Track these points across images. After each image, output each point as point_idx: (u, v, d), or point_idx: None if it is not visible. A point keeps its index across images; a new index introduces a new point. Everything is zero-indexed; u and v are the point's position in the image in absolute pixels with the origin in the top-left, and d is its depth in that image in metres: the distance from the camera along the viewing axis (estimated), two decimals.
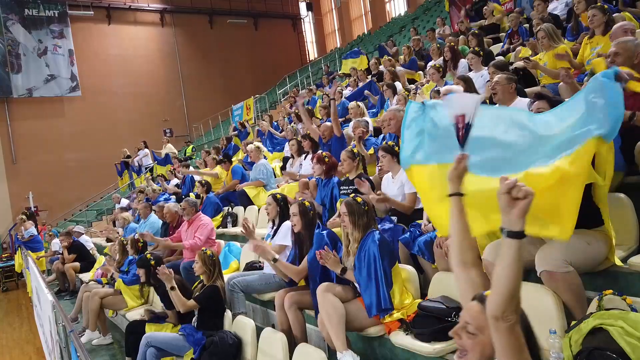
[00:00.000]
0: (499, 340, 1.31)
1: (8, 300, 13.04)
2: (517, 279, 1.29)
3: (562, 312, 2.23)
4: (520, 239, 1.29)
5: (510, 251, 1.29)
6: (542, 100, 2.67)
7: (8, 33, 20.24)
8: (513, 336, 1.30)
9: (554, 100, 2.64)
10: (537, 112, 2.58)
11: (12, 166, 20.12)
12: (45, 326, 5.44)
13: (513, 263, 1.29)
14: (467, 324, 1.46)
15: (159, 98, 23.56)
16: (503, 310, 1.28)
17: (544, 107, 2.62)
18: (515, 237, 1.29)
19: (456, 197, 1.70)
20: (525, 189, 1.29)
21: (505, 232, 1.31)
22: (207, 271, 4.01)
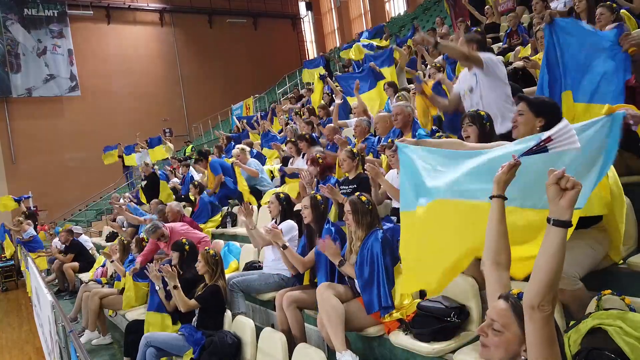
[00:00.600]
0: (533, 330, 1.33)
1: (8, 300, 13.03)
2: (559, 269, 1.32)
3: (561, 312, 2.24)
4: (567, 228, 1.32)
5: (557, 240, 1.33)
6: (522, 103, 2.52)
7: (7, 33, 20.24)
8: (547, 327, 1.32)
9: (533, 102, 2.50)
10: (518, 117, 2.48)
11: (11, 166, 20.13)
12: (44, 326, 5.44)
13: (557, 252, 1.32)
14: (493, 322, 1.48)
15: (158, 98, 23.57)
16: (540, 300, 1.30)
17: (523, 109, 2.48)
18: (563, 226, 1.32)
19: (499, 199, 1.70)
20: (572, 179, 1.33)
21: (553, 221, 1.34)
22: (209, 270, 4.01)
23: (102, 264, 7.15)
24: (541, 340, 1.32)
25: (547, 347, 1.32)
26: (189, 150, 16.75)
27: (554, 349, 1.33)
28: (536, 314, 1.32)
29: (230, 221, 6.90)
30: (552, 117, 2.41)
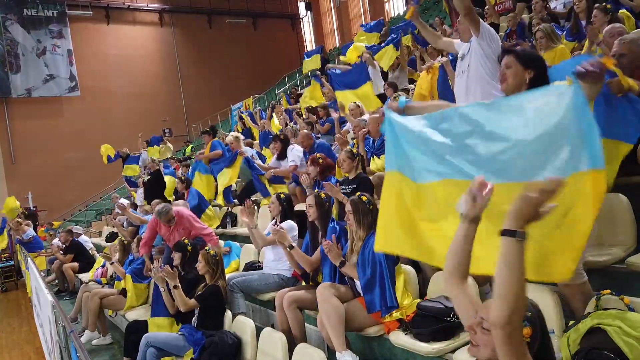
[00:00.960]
0: (497, 346, 1.31)
1: (7, 301, 13.02)
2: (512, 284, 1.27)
3: (561, 312, 2.25)
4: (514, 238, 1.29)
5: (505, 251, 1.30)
6: (509, 55, 2.42)
7: (7, 33, 20.24)
8: (509, 345, 1.28)
9: (521, 53, 2.39)
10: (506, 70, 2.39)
11: (11, 166, 20.13)
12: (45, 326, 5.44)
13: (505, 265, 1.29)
14: (482, 320, 1.47)
15: (158, 98, 23.56)
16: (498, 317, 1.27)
17: (511, 62, 2.38)
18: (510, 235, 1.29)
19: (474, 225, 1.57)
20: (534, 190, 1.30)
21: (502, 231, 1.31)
22: (210, 270, 4.02)
23: (102, 264, 7.14)
24: (505, 357, 1.29)
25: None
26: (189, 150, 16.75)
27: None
28: (497, 332, 1.28)
29: (230, 221, 6.91)
30: (540, 69, 2.38)
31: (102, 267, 7.19)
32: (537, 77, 2.34)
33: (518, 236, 1.28)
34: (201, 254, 4.09)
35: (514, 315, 1.26)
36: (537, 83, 2.33)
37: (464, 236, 1.57)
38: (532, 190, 1.30)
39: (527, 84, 2.35)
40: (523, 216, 1.30)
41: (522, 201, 1.30)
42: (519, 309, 1.28)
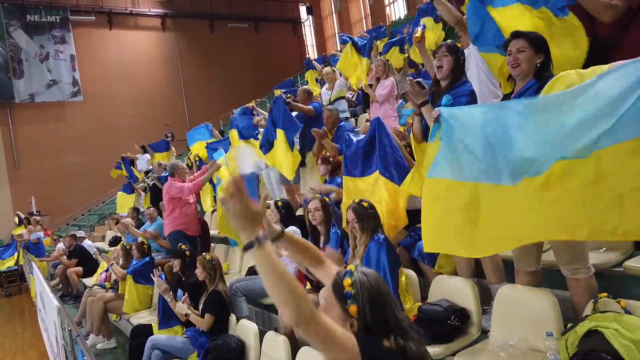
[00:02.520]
0: (307, 339, 1.34)
1: (11, 305, 13.07)
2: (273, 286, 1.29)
3: (559, 314, 2.29)
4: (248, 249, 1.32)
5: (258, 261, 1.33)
6: (521, 39, 2.41)
7: (10, 39, 20.34)
8: (313, 334, 1.30)
9: (533, 37, 2.39)
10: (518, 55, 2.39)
11: (14, 171, 20.20)
12: (50, 331, 5.49)
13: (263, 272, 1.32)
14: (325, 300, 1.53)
15: (160, 102, 23.63)
16: (291, 318, 1.29)
17: (524, 46, 2.38)
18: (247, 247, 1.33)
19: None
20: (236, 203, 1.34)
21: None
22: (208, 276, 4.04)
23: (106, 268, 7.18)
24: (317, 346, 1.32)
25: (328, 348, 1.32)
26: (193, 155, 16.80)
27: (335, 345, 1.32)
28: (300, 329, 1.30)
29: None
30: (548, 54, 2.40)
31: (105, 271, 7.23)
32: (544, 62, 2.39)
33: (256, 245, 1.31)
34: (198, 260, 4.11)
35: (299, 309, 1.27)
36: (544, 68, 2.38)
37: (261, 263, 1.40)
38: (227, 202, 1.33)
39: (536, 69, 2.38)
40: (245, 227, 1.34)
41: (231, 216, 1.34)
42: (302, 302, 1.28)
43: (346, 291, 1.43)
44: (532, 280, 2.53)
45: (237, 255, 5.74)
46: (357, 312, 1.42)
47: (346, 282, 1.45)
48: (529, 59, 2.38)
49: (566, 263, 2.32)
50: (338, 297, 1.45)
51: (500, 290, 2.62)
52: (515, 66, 2.42)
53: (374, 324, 1.41)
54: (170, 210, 5.76)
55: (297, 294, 1.28)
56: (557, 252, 2.36)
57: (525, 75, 2.40)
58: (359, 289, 1.43)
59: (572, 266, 2.30)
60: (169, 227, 5.77)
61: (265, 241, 1.32)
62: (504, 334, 2.42)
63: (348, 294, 1.43)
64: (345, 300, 1.42)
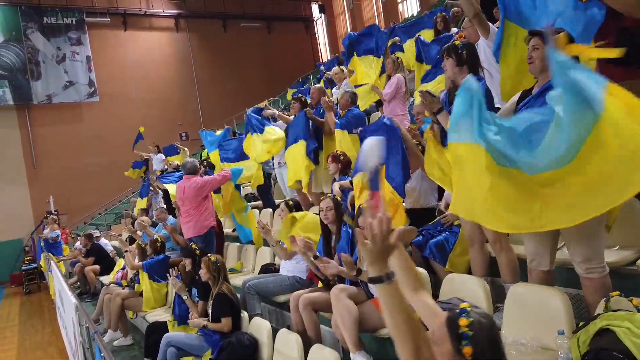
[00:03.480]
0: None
1: (31, 303, 13.35)
2: (398, 324, 1.30)
3: (571, 313, 2.28)
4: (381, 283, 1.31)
5: (381, 296, 1.32)
6: (536, 37, 2.44)
7: (28, 41, 20.70)
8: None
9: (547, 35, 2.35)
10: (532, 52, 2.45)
11: (33, 171, 20.57)
12: (68, 328, 5.60)
13: (388, 308, 1.31)
14: (433, 332, 1.51)
15: (174, 102, 23.85)
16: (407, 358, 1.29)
17: (538, 44, 2.42)
18: (376, 282, 1.32)
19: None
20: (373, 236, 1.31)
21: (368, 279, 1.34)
22: (211, 277, 4.05)
23: (122, 267, 7.30)
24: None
25: None
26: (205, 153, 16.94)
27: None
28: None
29: None
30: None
31: (122, 269, 7.35)
32: None
33: (385, 280, 1.31)
34: (203, 261, 4.13)
35: (418, 352, 1.28)
36: None
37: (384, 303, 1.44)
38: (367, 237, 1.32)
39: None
40: (377, 261, 1.32)
41: (366, 251, 1.33)
42: (422, 344, 1.29)
43: (462, 331, 1.40)
44: (546, 280, 2.52)
45: (251, 254, 5.79)
46: (472, 354, 1.40)
47: (462, 321, 1.41)
48: (543, 56, 2.40)
49: (581, 261, 2.31)
50: (452, 334, 1.41)
51: (512, 288, 2.62)
52: (530, 63, 2.49)
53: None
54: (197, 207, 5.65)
55: (419, 337, 1.29)
56: (572, 249, 2.35)
57: (539, 71, 2.42)
58: (477, 332, 1.42)
59: (587, 265, 2.29)
60: (203, 227, 5.66)
61: (394, 278, 1.31)
62: (515, 332, 2.42)
63: (464, 334, 1.40)
64: (460, 340, 1.39)
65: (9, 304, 13.72)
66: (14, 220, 19.26)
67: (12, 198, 19.58)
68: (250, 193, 8.41)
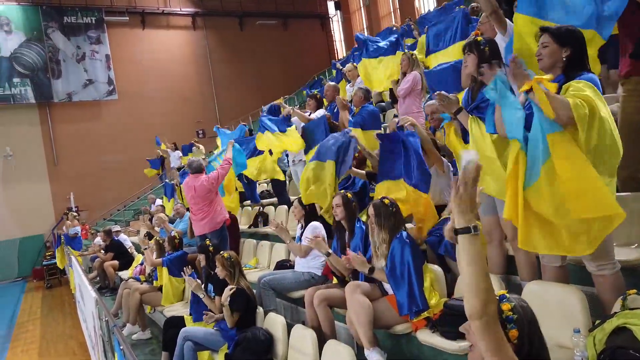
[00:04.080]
0: (477, 337, 1.37)
1: (52, 297, 13.64)
2: (476, 277, 1.33)
3: (587, 311, 2.26)
4: (466, 234, 1.35)
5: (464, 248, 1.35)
6: (545, 34, 2.42)
7: (48, 40, 21.09)
8: (488, 334, 1.34)
9: (556, 32, 2.39)
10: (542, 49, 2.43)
11: (54, 168, 20.97)
12: (88, 321, 5.71)
13: (470, 260, 1.34)
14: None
15: (191, 100, 24.09)
16: (471, 309, 1.33)
17: (547, 41, 2.40)
18: (463, 232, 1.35)
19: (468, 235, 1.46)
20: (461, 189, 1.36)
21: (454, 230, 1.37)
22: (228, 273, 4.10)
23: (141, 262, 7.42)
24: (484, 347, 1.35)
25: (494, 351, 1.34)
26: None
27: (502, 353, 1.35)
28: (474, 323, 1.34)
29: (262, 220, 7.06)
30: (578, 46, 2.37)
31: (140, 265, 7.47)
32: (574, 54, 2.36)
33: (473, 231, 1.34)
34: (217, 258, 4.18)
35: (487, 305, 1.31)
36: (575, 61, 2.36)
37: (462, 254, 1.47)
38: (457, 186, 1.35)
39: (564, 61, 2.37)
40: (467, 210, 1.35)
41: (457, 199, 1.36)
42: (491, 300, 1.33)
43: (506, 315, 1.45)
44: (559, 276, 2.50)
45: (266, 250, 5.84)
46: (518, 337, 1.45)
47: (505, 306, 1.46)
48: (552, 53, 2.38)
49: (591, 259, 2.29)
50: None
51: (528, 286, 2.60)
52: (539, 60, 2.45)
53: (537, 351, 1.46)
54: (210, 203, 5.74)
55: (491, 291, 1.33)
56: None
57: (548, 69, 2.39)
58: (520, 315, 1.47)
59: (598, 262, 2.27)
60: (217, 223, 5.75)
61: (479, 231, 1.35)
62: None
63: (509, 318, 1.45)
64: (505, 324, 1.44)
65: (31, 298, 14.03)
66: (35, 216, 19.69)
67: (34, 194, 20.01)
68: (266, 190, 8.47)
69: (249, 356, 3.60)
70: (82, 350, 7.49)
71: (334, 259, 3.66)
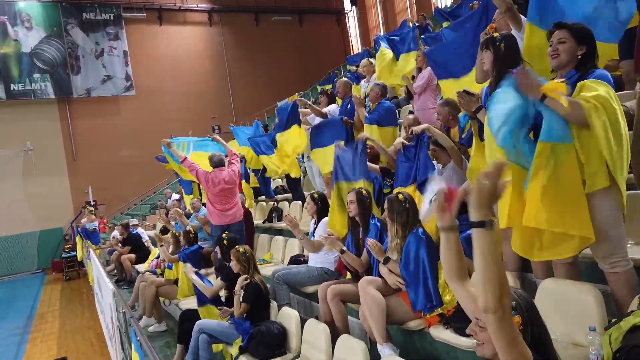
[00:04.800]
0: (491, 332, 1.36)
1: (71, 289, 13.91)
2: (492, 272, 1.31)
3: (603, 309, 2.24)
4: (482, 228, 1.32)
5: (478, 242, 1.33)
6: (563, 30, 2.36)
7: (68, 36, 21.41)
8: (502, 330, 1.33)
9: (575, 28, 2.35)
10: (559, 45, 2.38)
11: (73, 162, 21.33)
12: (106, 313, 5.82)
13: (485, 254, 1.33)
14: (478, 320, 1.55)
15: (207, 96, 24.26)
16: (486, 304, 1.32)
17: (565, 37, 2.36)
18: (478, 226, 1.33)
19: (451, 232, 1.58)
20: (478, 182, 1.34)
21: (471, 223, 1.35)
22: (242, 268, 4.12)
23: (157, 255, 7.51)
24: (500, 342, 1.34)
25: (508, 346, 1.34)
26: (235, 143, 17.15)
27: (516, 348, 1.34)
28: (489, 317, 1.33)
29: (276, 216, 7.10)
30: (592, 45, 2.35)
31: (156, 258, 7.56)
32: (588, 53, 2.34)
33: (487, 225, 1.32)
34: (232, 252, 4.20)
35: (501, 299, 1.30)
36: (587, 60, 2.34)
37: (446, 246, 1.61)
38: (482, 178, 1.33)
39: (578, 60, 2.35)
40: (484, 204, 1.33)
41: (477, 191, 1.33)
42: (505, 293, 1.32)
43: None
44: (571, 272, 2.48)
45: (280, 245, 5.87)
46: (522, 322, 1.47)
47: None
48: (570, 50, 2.35)
49: (603, 257, 2.27)
50: None
51: (543, 283, 2.58)
52: (554, 57, 2.40)
53: (538, 334, 1.48)
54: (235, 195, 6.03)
55: (505, 285, 1.32)
56: (593, 245, 2.31)
57: (564, 65, 2.36)
58: (519, 301, 1.49)
59: (610, 260, 2.25)
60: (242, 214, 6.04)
61: (494, 226, 1.34)
62: None
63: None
64: None
65: (50, 290, 14.32)
66: (54, 210, 20.06)
67: (53, 188, 20.38)
68: (280, 186, 8.50)
69: (262, 349, 3.64)
70: (99, 342, 7.63)
71: (348, 256, 3.66)
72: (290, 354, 3.64)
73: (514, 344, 1.35)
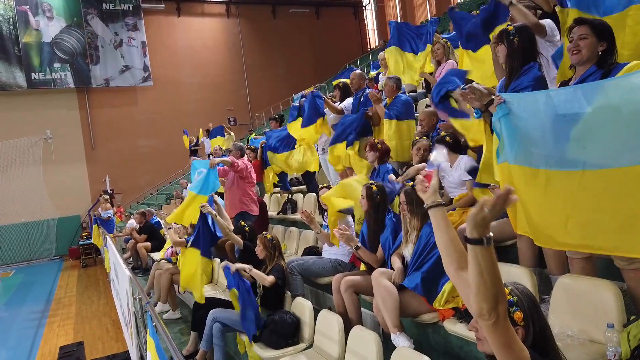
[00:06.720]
0: (487, 336, 1.35)
1: (87, 276, 14.16)
2: (483, 283, 1.30)
3: (622, 306, 2.20)
4: (476, 245, 1.30)
5: (471, 256, 1.32)
6: (584, 26, 2.33)
7: (88, 27, 21.64)
8: (496, 335, 1.32)
9: (596, 24, 2.32)
10: (580, 41, 2.34)
11: (91, 151, 21.63)
12: (122, 299, 5.90)
13: (475, 267, 1.31)
14: None
15: (224, 87, 24.37)
16: (478, 310, 1.30)
17: (586, 33, 2.32)
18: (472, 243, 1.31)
19: (438, 207, 1.61)
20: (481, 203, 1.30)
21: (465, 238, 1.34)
22: (268, 254, 4.18)
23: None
24: (496, 345, 1.32)
25: (506, 351, 1.32)
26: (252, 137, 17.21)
27: (514, 352, 1.33)
28: (483, 323, 1.32)
29: (291, 208, 7.12)
30: (612, 41, 2.31)
31: (171, 247, 7.65)
32: (608, 49, 2.31)
33: (486, 243, 1.30)
34: (259, 238, 4.24)
35: (497, 307, 1.29)
36: (607, 56, 2.31)
37: (436, 226, 1.59)
38: (485, 206, 1.30)
39: (599, 56, 2.31)
40: (483, 225, 1.31)
41: (478, 216, 1.31)
42: (501, 302, 1.30)
43: (507, 299, 1.44)
44: (587, 268, 2.45)
45: (295, 237, 5.90)
46: (524, 318, 1.46)
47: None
48: (591, 46, 2.32)
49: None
50: None
51: (560, 279, 2.55)
52: (575, 53, 2.36)
53: (540, 330, 1.47)
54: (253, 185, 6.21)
55: (501, 294, 1.32)
56: None
57: (584, 62, 2.32)
58: (519, 296, 1.48)
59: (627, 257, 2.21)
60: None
61: (492, 242, 1.34)
62: (562, 324, 2.36)
63: (510, 301, 1.45)
64: (507, 308, 1.43)
65: (68, 276, 14.60)
66: (73, 198, 20.39)
67: (72, 176, 20.71)
68: (295, 178, 8.52)
69: (276, 338, 3.67)
70: (114, 328, 7.77)
71: (363, 252, 3.66)
72: (303, 344, 3.66)
73: (510, 347, 1.33)
